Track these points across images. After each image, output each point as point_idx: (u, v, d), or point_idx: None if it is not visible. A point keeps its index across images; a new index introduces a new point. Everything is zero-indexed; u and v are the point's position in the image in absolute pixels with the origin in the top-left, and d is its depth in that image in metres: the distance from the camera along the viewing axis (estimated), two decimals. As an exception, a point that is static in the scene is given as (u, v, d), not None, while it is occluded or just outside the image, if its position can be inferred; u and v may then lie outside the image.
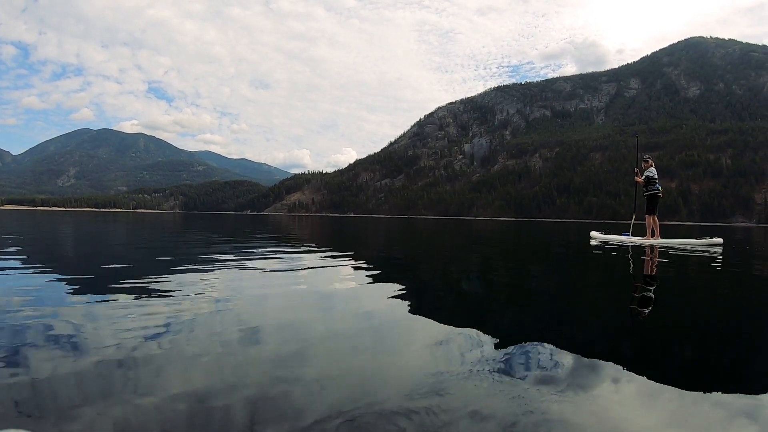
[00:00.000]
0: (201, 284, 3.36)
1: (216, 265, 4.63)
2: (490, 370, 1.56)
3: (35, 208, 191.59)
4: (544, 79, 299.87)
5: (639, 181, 10.45)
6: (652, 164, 10.33)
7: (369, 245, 9.43)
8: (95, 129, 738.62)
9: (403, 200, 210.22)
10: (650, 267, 5.64)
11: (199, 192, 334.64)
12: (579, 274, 5.22)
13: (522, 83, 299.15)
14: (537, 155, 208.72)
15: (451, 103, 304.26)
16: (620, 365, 1.66)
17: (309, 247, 7.75)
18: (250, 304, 2.70)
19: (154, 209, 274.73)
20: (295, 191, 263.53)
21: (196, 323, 2.16)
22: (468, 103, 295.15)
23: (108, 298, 2.79)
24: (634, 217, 11.15)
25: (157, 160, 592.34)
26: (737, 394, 1.43)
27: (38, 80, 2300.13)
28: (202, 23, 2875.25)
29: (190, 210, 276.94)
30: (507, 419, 1.21)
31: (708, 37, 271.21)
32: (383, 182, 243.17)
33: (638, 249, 8.23)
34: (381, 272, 4.69)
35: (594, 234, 11.95)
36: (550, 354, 1.79)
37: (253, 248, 7.12)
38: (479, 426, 1.19)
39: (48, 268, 4.22)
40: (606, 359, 1.75)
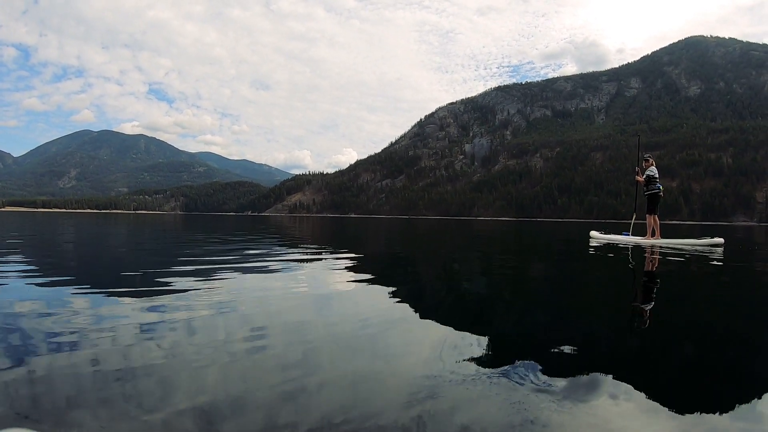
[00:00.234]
0: (202, 287, 3.33)
1: (216, 267, 4.62)
2: (489, 376, 1.55)
3: (36, 210, 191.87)
4: (545, 79, 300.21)
5: (640, 181, 10.37)
6: (653, 163, 10.24)
7: (370, 246, 9.38)
8: (96, 130, 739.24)
9: (404, 200, 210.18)
10: (649, 269, 5.58)
11: (200, 193, 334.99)
12: (577, 277, 5.15)
13: (522, 83, 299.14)
14: (538, 155, 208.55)
15: (452, 104, 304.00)
16: (621, 374, 1.64)
17: (309, 248, 7.73)
18: (252, 308, 2.68)
19: (155, 210, 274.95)
20: (296, 192, 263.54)
21: (197, 328, 2.15)
22: (468, 103, 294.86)
23: (108, 300, 2.80)
24: (635, 217, 11.06)
25: (158, 162, 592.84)
26: (740, 405, 1.41)
27: (39, 82, 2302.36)
28: (203, 25, 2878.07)
29: (191, 211, 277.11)
30: (506, 428, 1.21)
31: (708, 36, 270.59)
32: (384, 183, 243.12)
33: (638, 249, 8.15)
34: (381, 273, 4.66)
35: (593, 234, 11.81)
36: (549, 360, 1.79)
37: (254, 249, 7.09)
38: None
39: (52, 273, 4.16)
40: (606, 366, 1.74)
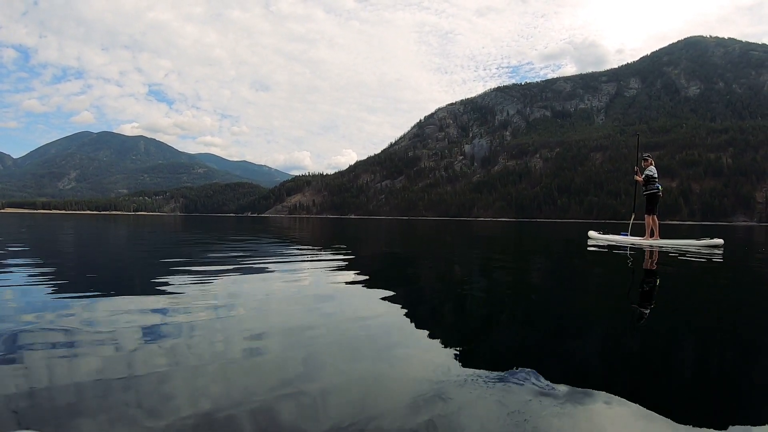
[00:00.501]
0: (203, 290, 3.32)
1: (215, 269, 4.60)
2: (487, 382, 1.54)
3: (36, 211, 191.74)
4: (544, 80, 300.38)
5: (639, 180, 10.27)
6: (652, 163, 10.13)
7: (369, 247, 9.30)
8: (96, 132, 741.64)
9: (404, 201, 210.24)
10: (648, 271, 5.46)
11: (200, 194, 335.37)
12: (576, 278, 5.02)
13: (522, 84, 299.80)
14: (537, 155, 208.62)
15: (451, 104, 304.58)
16: (620, 379, 1.65)
17: (309, 249, 7.68)
18: (252, 310, 2.67)
19: (155, 212, 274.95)
20: (296, 193, 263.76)
21: (197, 332, 2.14)
22: (468, 104, 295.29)
23: (107, 302, 2.79)
24: (633, 217, 10.94)
25: (158, 163, 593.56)
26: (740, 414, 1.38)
27: (39, 83, 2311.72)
28: (203, 26, 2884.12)
29: (191, 212, 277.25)
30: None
31: (708, 36, 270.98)
32: (384, 183, 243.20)
33: (637, 250, 8.03)
34: (380, 275, 4.69)
35: (592, 234, 11.67)
36: (550, 364, 1.79)
37: (252, 251, 7.06)
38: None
39: (52, 275, 4.06)
40: (606, 371, 1.74)
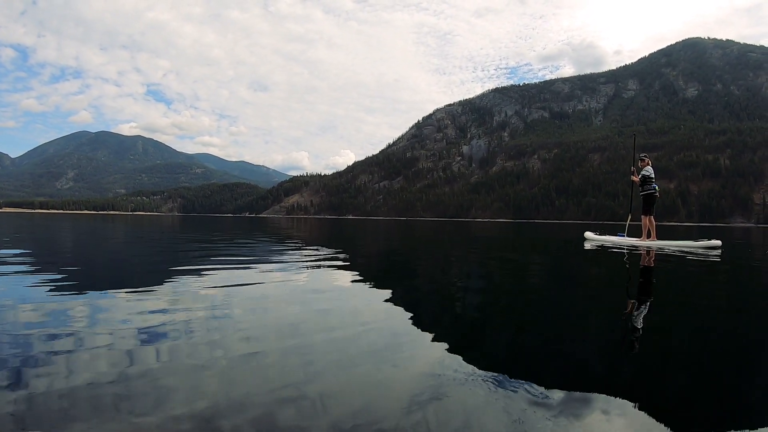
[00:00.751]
0: (201, 290, 3.32)
1: (213, 269, 4.58)
2: (486, 383, 1.54)
3: (34, 211, 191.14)
4: (542, 81, 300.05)
5: (635, 180, 10.14)
6: (649, 162, 10.00)
7: (367, 248, 9.21)
8: (94, 131, 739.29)
9: (402, 202, 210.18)
10: (644, 273, 5.33)
11: (198, 194, 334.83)
12: (573, 280, 4.90)
13: (520, 85, 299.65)
14: (535, 156, 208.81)
15: (450, 105, 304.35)
16: (618, 384, 1.64)
17: (307, 250, 7.63)
18: (248, 311, 2.67)
19: (153, 212, 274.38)
20: (294, 193, 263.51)
21: (196, 333, 2.12)
22: (466, 105, 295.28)
23: (107, 303, 2.78)
24: (630, 218, 10.83)
25: (156, 163, 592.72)
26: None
27: (37, 83, 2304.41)
28: (201, 26, 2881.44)
29: (189, 212, 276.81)
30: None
31: (706, 38, 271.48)
32: (382, 184, 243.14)
33: (633, 251, 7.92)
34: (379, 276, 4.72)
35: (588, 235, 11.53)
36: (548, 369, 1.77)
37: (250, 250, 7.08)
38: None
39: (50, 274, 4.06)
40: (604, 377, 1.73)
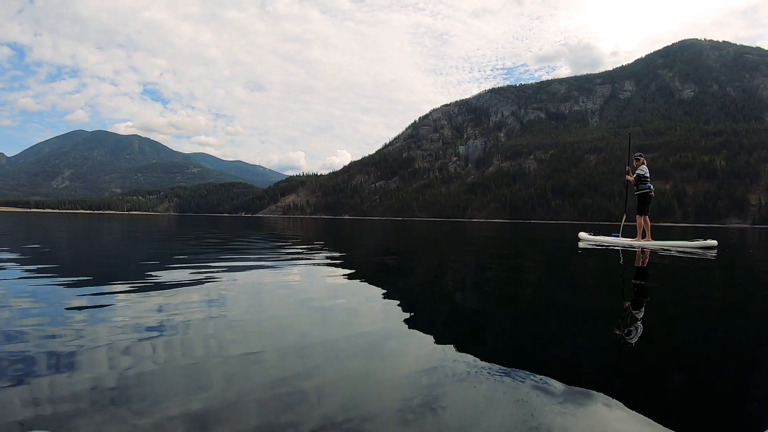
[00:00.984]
0: (198, 288, 3.33)
1: (211, 269, 4.53)
2: (483, 380, 1.54)
3: (29, 210, 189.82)
4: (539, 81, 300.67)
5: (629, 179, 9.94)
6: (644, 162, 9.80)
7: (364, 248, 9.05)
8: (90, 131, 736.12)
9: (398, 202, 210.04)
10: (639, 273, 5.13)
11: (194, 194, 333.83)
12: (568, 280, 4.68)
13: (516, 85, 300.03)
14: (532, 157, 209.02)
15: (446, 105, 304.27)
16: (618, 381, 1.64)
17: (304, 250, 7.48)
18: (245, 311, 2.67)
19: (149, 211, 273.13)
20: (290, 193, 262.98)
21: (194, 333, 2.12)
22: (462, 105, 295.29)
23: (106, 304, 2.76)
24: (625, 218, 10.64)
25: (152, 162, 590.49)
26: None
27: (33, 82, 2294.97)
28: (198, 25, 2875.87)
29: (185, 212, 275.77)
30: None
31: (702, 39, 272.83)
32: (378, 184, 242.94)
33: (628, 251, 7.73)
34: (376, 276, 4.72)
35: (582, 235, 11.32)
36: (546, 366, 1.76)
37: (250, 252, 7.05)
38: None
39: (48, 274, 4.02)
40: (600, 374, 1.73)
